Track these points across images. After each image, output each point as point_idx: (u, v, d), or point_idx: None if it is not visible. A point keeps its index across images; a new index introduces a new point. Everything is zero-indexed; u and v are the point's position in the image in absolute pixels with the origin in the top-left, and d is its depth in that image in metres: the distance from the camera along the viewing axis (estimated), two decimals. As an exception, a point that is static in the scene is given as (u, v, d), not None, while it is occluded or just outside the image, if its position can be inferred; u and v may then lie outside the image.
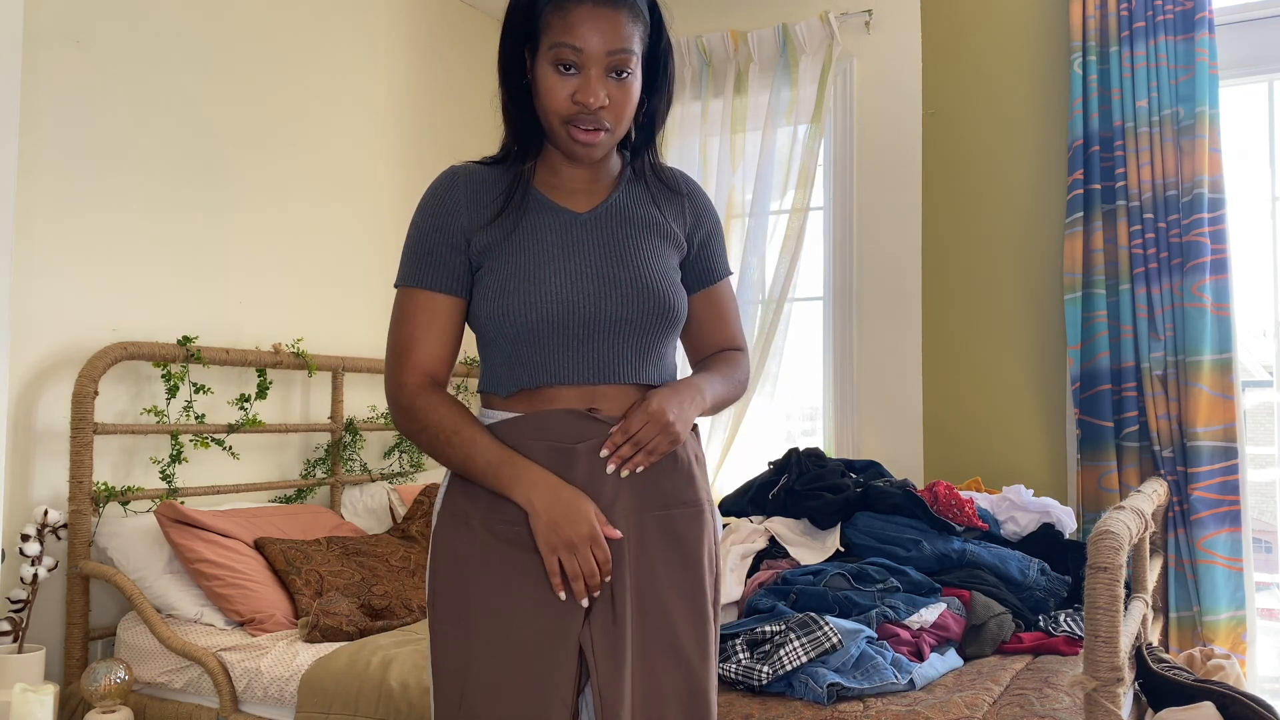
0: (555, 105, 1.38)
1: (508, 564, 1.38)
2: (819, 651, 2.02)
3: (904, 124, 3.67)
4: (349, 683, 2.30)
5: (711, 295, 1.58)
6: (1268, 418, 3.26)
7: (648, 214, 1.50)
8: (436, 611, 1.42)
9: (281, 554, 2.77)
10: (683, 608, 1.43)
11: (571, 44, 1.35)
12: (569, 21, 1.35)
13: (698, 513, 1.46)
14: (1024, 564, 2.61)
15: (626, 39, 1.37)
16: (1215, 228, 3.05)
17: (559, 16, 1.36)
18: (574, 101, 1.37)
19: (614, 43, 1.36)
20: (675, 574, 1.43)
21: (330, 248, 3.53)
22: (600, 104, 1.36)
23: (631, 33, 1.38)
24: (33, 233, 2.67)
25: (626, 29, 1.37)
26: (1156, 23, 3.14)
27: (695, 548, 1.45)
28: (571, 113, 1.37)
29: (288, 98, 3.38)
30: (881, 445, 3.64)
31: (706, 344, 1.60)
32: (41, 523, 2.54)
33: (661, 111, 1.51)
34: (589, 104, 1.36)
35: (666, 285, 1.46)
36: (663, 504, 1.43)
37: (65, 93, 2.75)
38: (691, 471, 1.48)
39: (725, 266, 1.60)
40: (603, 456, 1.39)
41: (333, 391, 3.45)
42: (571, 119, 1.38)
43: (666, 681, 1.40)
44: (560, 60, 1.36)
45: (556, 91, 1.37)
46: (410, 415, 1.41)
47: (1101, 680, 1.66)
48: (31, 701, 2.28)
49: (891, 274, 3.66)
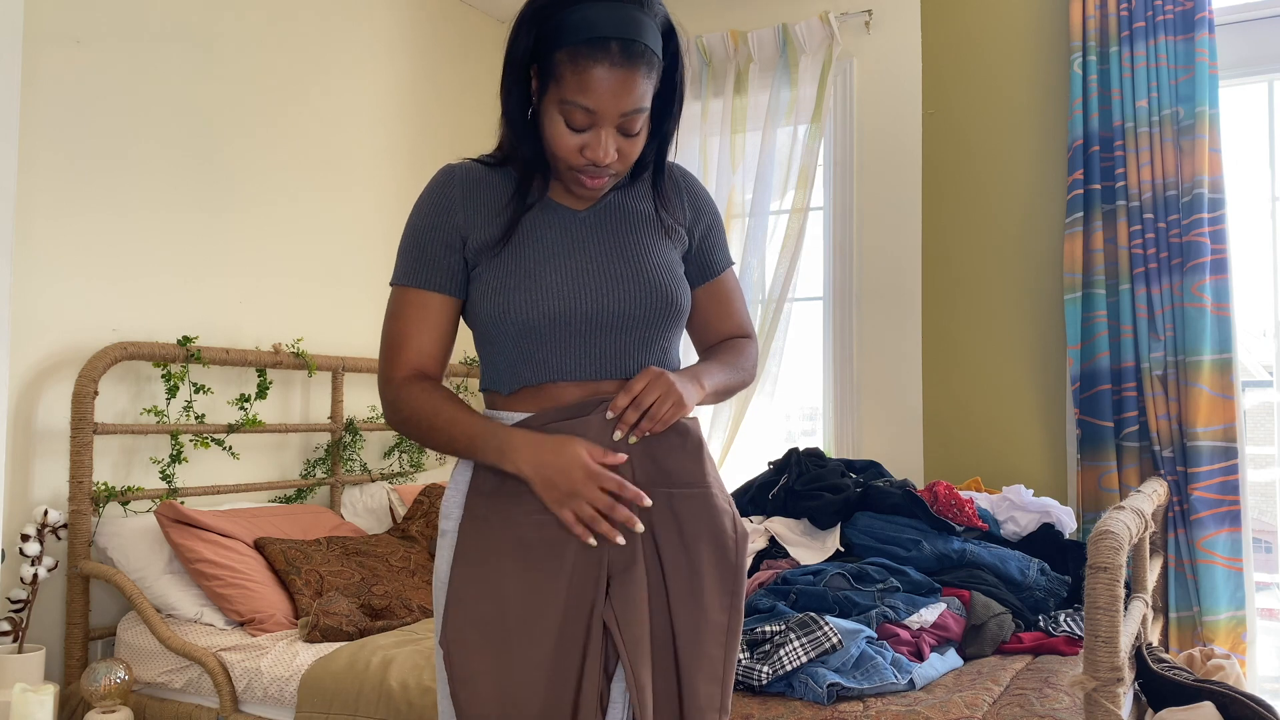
0: (563, 155, 1.37)
1: (535, 563, 1.37)
2: (819, 651, 2.02)
3: (904, 124, 3.67)
4: (349, 683, 2.30)
5: (715, 287, 1.57)
6: (1268, 418, 3.26)
7: (647, 209, 1.50)
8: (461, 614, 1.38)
9: (281, 554, 2.77)
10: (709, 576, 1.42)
11: (584, 105, 1.32)
12: (583, 82, 1.30)
13: (707, 494, 1.45)
14: (1024, 564, 2.61)
15: (640, 99, 1.34)
16: (1215, 228, 3.05)
17: (573, 73, 1.31)
18: (583, 155, 1.36)
19: (627, 105, 1.33)
20: (700, 551, 1.42)
21: (330, 247, 3.53)
22: (610, 159, 1.36)
23: (645, 90, 1.34)
24: (33, 233, 2.67)
25: (641, 88, 1.33)
26: (1156, 23, 3.14)
27: (715, 525, 1.44)
28: (579, 164, 1.37)
29: (288, 97, 3.38)
30: (881, 445, 3.64)
31: (713, 336, 1.59)
32: (41, 523, 2.54)
33: (673, 133, 1.49)
34: (599, 160, 1.35)
35: (669, 279, 1.45)
36: (675, 483, 1.43)
37: (65, 93, 2.75)
38: (701, 453, 1.47)
39: (727, 257, 1.59)
40: (608, 418, 1.38)
41: (333, 391, 3.45)
42: (578, 168, 1.38)
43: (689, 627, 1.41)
44: (571, 117, 1.34)
45: (565, 142, 1.36)
46: (396, 407, 1.42)
47: (1101, 680, 1.66)
48: (31, 701, 2.28)
49: (891, 274, 3.66)
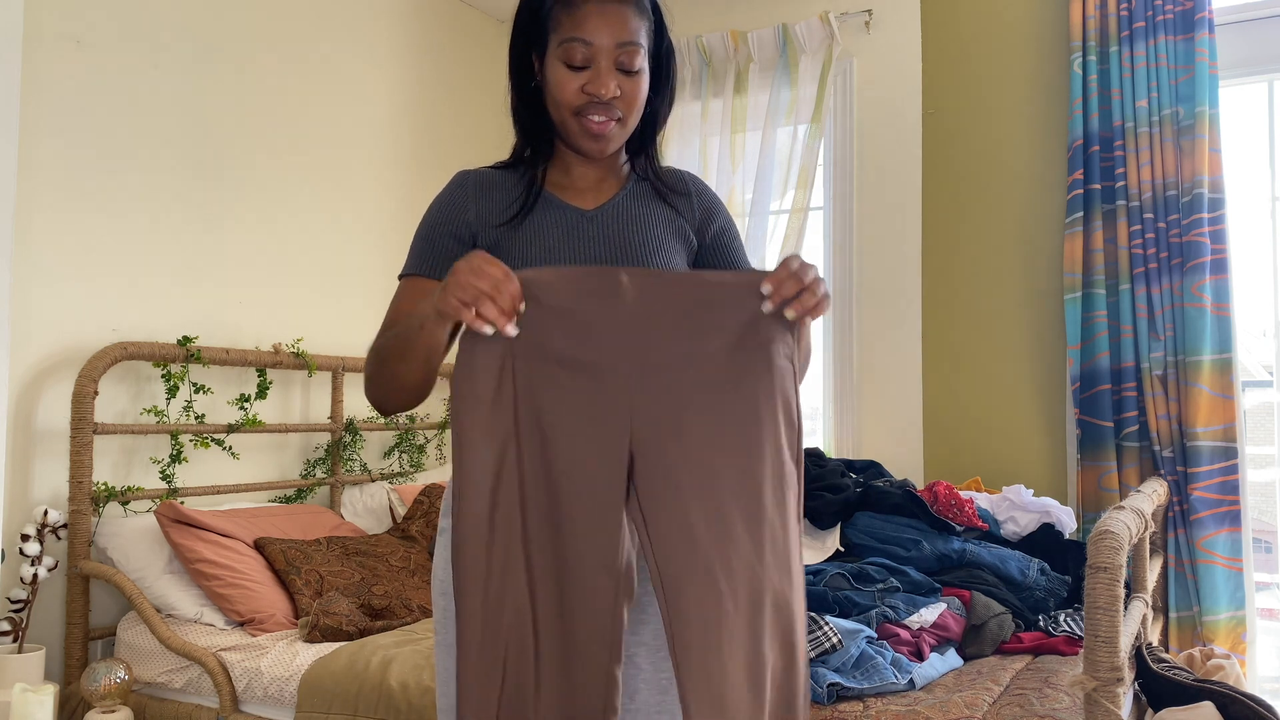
0: (567, 98, 1.39)
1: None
2: (819, 651, 2.02)
3: (904, 124, 3.67)
4: (349, 683, 2.30)
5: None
6: (1268, 418, 3.26)
7: (654, 211, 1.50)
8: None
9: (281, 554, 2.77)
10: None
11: (581, 38, 1.37)
12: (577, 18, 1.37)
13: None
14: (1024, 564, 2.61)
15: (634, 32, 1.38)
16: (1215, 228, 3.05)
17: (567, 14, 1.38)
18: (585, 92, 1.38)
19: (622, 35, 1.37)
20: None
21: (330, 247, 3.53)
22: (611, 94, 1.38)
23: (638, 26, 1.39)
24: (33, 233, 2.67)
25: (634, 23, 1.39)
26: (1156, 23, 3.14)
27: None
28: (583, 103, 1.39)
29: (288, 98, 3.38)
30: (881, 445, 3.64)
31: None
32: (41, 523, 2.54)
33: (663, 113, 1.51)
34: (600, 94, 1.37)
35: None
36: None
37: (65, 93, 2.75)
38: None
39: (746, 263, 1.57)
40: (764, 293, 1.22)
41: (333, 391, 3.45)
42: (583, 109, 1.39)
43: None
44: (570, 55, 1.38)
45: (567, 85, 1.39)
46: (369, 371, 1.38)
47: (1101, 680, 1.66)
48: (31, 701, 2.28)
49: (891, 274, 3.66)
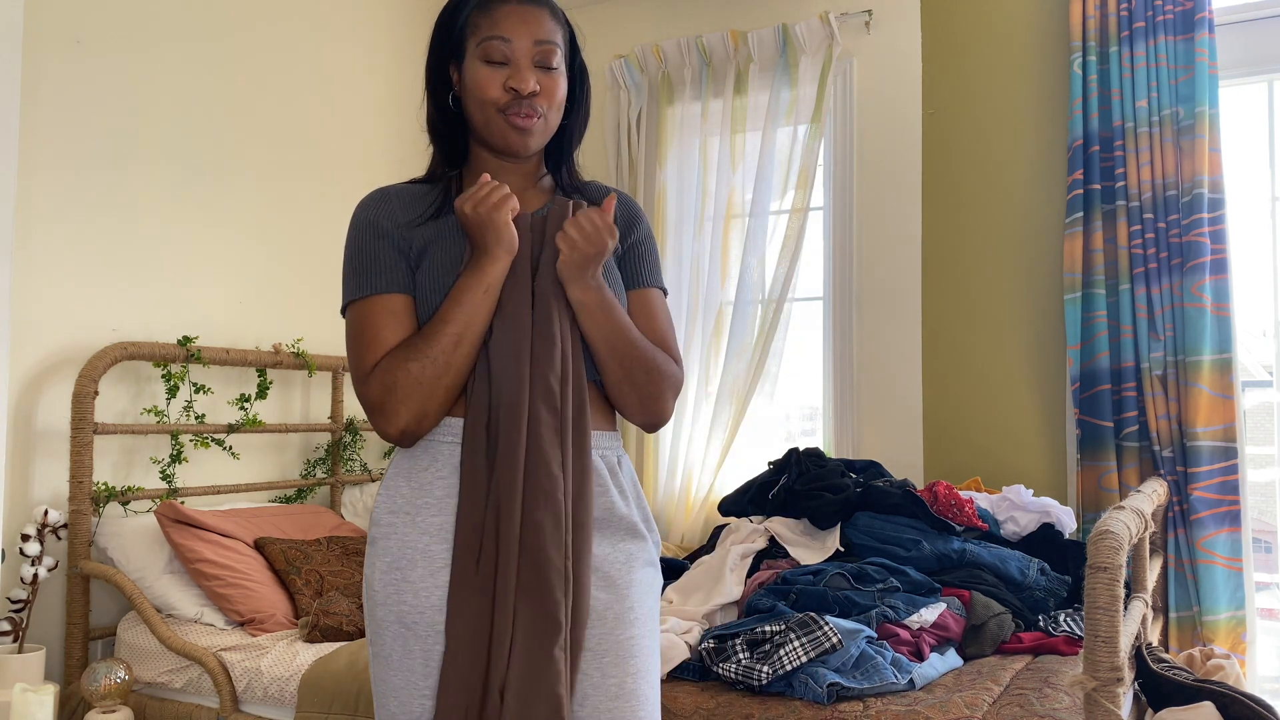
0: (489, 95, 1.41)
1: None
2: (819, 651, 2.02)
3: (904, 124, 3.67)
4: (349, 683, 2.30)
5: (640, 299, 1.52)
6: (1267, 418, 3.26)
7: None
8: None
9: (281, 554, 2.77)
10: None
11: (500, 35, 1.40)
12: (495, 17, 1.41)
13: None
14: (1024, 564, 2.61)
15: (550, 32, 1.42)
16: (1215, 228, 3.05)
17: (485, 16, 1.42)
18: (506, 89, 1.40)
19: (539, 34, 1.41)
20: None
21: (330, 248, 3.53)
22: (532, 89, 1.40)
23: (554, 29, 1.43)
24: (33, 233, 2.67)
25: (549, 24, 1.43)
26: (1156, 23, 3.14)
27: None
28: (505, 100, 1.41)
29: (288, 97, 3.38)
30: (881, 445, 3.64)
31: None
32: (41, 523, 2.54)
33: (578, 131, 1.53)
34: (521, 89, 1.39)
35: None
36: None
37: (65, 93, 2.75)
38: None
39: (657, 279, 1.55)
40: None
41: (333, 391, 3.46)
42: (506, 107, 1.41)
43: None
44: (489, 52, 1.40)
45: (489, 82, 1.41)
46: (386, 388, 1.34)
47: (1101, 680, 1.66)
48: (31, 701, 2.28)
49: (891, 274, 3.66)
